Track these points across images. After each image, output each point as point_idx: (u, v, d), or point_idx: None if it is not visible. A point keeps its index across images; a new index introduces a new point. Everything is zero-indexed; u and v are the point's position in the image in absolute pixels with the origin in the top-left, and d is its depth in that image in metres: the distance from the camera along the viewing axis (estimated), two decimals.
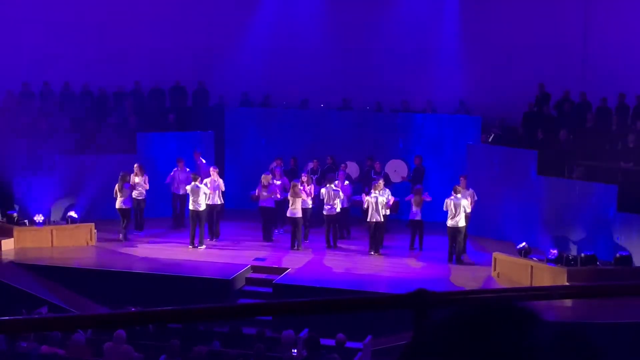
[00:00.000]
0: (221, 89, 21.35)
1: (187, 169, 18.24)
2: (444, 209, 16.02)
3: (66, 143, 18.82)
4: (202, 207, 16.88)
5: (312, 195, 17.19)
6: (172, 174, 18.30)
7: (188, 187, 17.09)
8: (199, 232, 16.93)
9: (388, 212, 16.61)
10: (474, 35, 20.62)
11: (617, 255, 14.78)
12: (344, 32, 21.76)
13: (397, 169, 19.13)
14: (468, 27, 20.79)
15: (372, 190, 16.47)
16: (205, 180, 17.14)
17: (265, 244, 17.35)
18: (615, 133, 17.62)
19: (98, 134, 19.40)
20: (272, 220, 17.59)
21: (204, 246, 16.96)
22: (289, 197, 16.75)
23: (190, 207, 16.94)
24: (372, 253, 16.60)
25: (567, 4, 20.55)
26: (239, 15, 22.11)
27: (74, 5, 21.12)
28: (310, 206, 17.24)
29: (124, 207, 17.29)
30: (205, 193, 16.93)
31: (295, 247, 16.75)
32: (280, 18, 22.15)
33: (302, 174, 17.60)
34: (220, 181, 17.35)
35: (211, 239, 17.43)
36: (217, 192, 17.22)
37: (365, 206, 16.47)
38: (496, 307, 1.46)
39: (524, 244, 15.40)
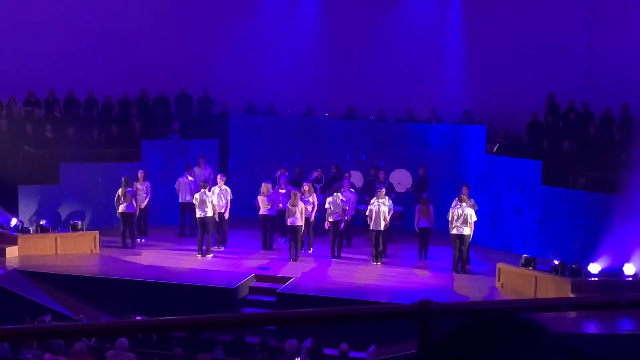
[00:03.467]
0: (226, 97, 21.39)
1: (189, 178, 18.24)
2: (448, 217, 16.02)
3: (71, 150, 18.85)
4: (209, 214, 16.88)
5: (316, 206, 17.17)
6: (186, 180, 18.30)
7: (196, 195, 17.07)
8: (206, 240, 16.95)
9: (388, 220, 16.56)
10: (478, 45, 20.64)
11: (623, 266, 14.74)
12: (348, 41, 21.79)
13: (402, 180, 19.12)
14: (473, 36, 20.81)
15: (375, 199, 16.46)
16: (213, 188, 17.15)
17: (269, 252, 17.34)
18: (619, 143, 17.60)
19: (103, 141, 19.45)
20: (272, 229, 17.57)
21: (211, 255, 16.97)
22: (289, 206, 16.67)
23: (198, 215, 16.94)
24: (375, 263, 16.55)
25: (571, 14, 20.56)
26: (244, 23, 22.16)
27: (77, 12, 21.18)
28: (313, 217, 17.22)
29: (126, 211, 17.33)
30: (213, 202, 16.93)
31: (294, 258, 16.67)
32: (284, 26, 22.20)
33: (304, 183, 17.58)
34: (228, 191, 17.36)
35: (217, 246, 17.46)
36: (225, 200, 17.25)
37: (368, 214, 16.46)
38: (501, 319, 1.46)
39: (528, 255, 15.36)
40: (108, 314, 14.32)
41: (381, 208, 16.31)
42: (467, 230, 15.93)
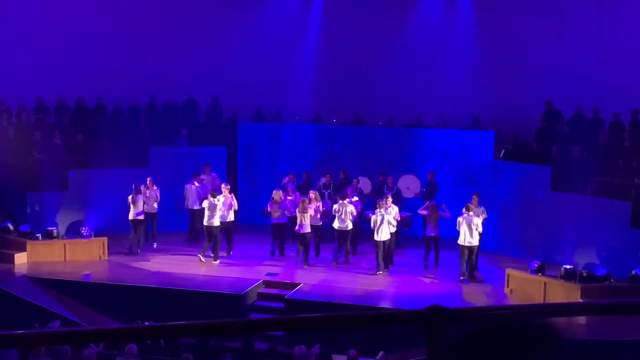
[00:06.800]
0: (234, 104, 21.42)
1: (196, 184, 18.25)
2: (457, 227, 15.86)
3: (80, 157, 18.89)
4: (217, 223, 16.89)
5: (321, 212, 17.11)
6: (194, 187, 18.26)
7: (205, 203, 17.09)
8: (213, 247, 16.94)
9: (394, 229, 16.40)
10: (487, 51, 20.63)
11: (632, 272, 14.66)
12: (357, 47, 21.82)
13: (410, 184, 19.08)
14: (481, 42, 20.81)
15: (377, 209, 16.30)
16: (218, 197, 17.14)
17: (277, 259, 17.32)
18: (629, 149, 17.53)
19: (111, 148, 19.47)
20: (284, 236, 17.58)
21: (218, 261, 16.95)
22: (297, 213, 16.69)
23: (205, 222, 16.96)
24: (379, 273, 16.28)
25: (581, 19, 20.53)
26: (251, 31, 22.22)
27: (87, 19, 21.27)
28: (321, 223, 17.19)
29: (136, 218, 17.39)
30: (221, 209, 16.94)
31: (301, 262, 16.65)
32: (292, 34, 22.25)
33: (311, 191, 17.55)
34: (234, 199, 17.31)
35: (226, 254, 17.43)
36: (231, 209, 17.20)
37: (372, 225, 16.25)
38: (513, 324, 1.45)
39: (537, 261, 15.31)
40: (116, 320, 14.33)
41: (385, 217, 16.12)
42: (475, 240, 15.78)
